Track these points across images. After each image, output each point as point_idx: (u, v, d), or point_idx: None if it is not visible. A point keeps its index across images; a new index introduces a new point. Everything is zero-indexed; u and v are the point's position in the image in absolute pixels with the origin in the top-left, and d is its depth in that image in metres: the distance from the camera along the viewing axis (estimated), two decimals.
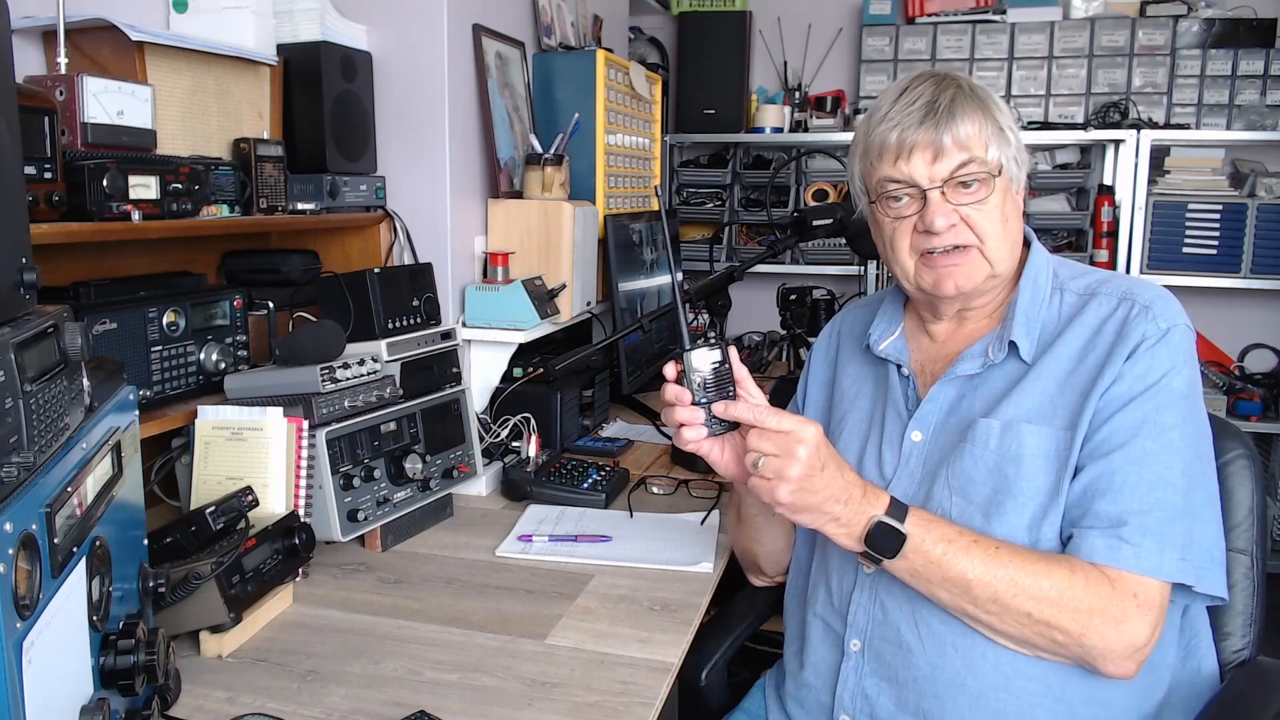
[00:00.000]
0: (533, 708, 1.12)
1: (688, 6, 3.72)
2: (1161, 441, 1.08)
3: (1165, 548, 1.05)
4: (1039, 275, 1.22)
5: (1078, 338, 1.16)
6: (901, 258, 1.20)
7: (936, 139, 1.13)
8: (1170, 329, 1.12)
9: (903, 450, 1.22)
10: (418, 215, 1.93)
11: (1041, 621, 1.05)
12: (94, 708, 0.86)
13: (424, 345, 1.73)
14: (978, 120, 1.14)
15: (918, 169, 1.15)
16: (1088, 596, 1.04)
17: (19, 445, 0.77)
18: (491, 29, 2.04)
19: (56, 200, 1.21)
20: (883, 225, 1.22)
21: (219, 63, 1.62)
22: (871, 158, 1.19)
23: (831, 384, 1.39)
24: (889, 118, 1.16)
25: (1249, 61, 3.29)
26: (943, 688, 1.13)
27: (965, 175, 1.14)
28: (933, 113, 1.14)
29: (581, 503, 1.78)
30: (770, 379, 2.86)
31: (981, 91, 1.17)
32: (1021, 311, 1.19)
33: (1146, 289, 1.17)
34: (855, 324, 1.41)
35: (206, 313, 1.53)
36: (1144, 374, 1.10)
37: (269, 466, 1.40)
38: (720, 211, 3.70)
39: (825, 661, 1.24)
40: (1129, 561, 1.05)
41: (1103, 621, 1.04)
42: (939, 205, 1.14)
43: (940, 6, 3.48)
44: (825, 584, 1.26)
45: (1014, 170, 1.18)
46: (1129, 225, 3.25)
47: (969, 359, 1.21)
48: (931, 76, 1.18)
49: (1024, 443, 1.13)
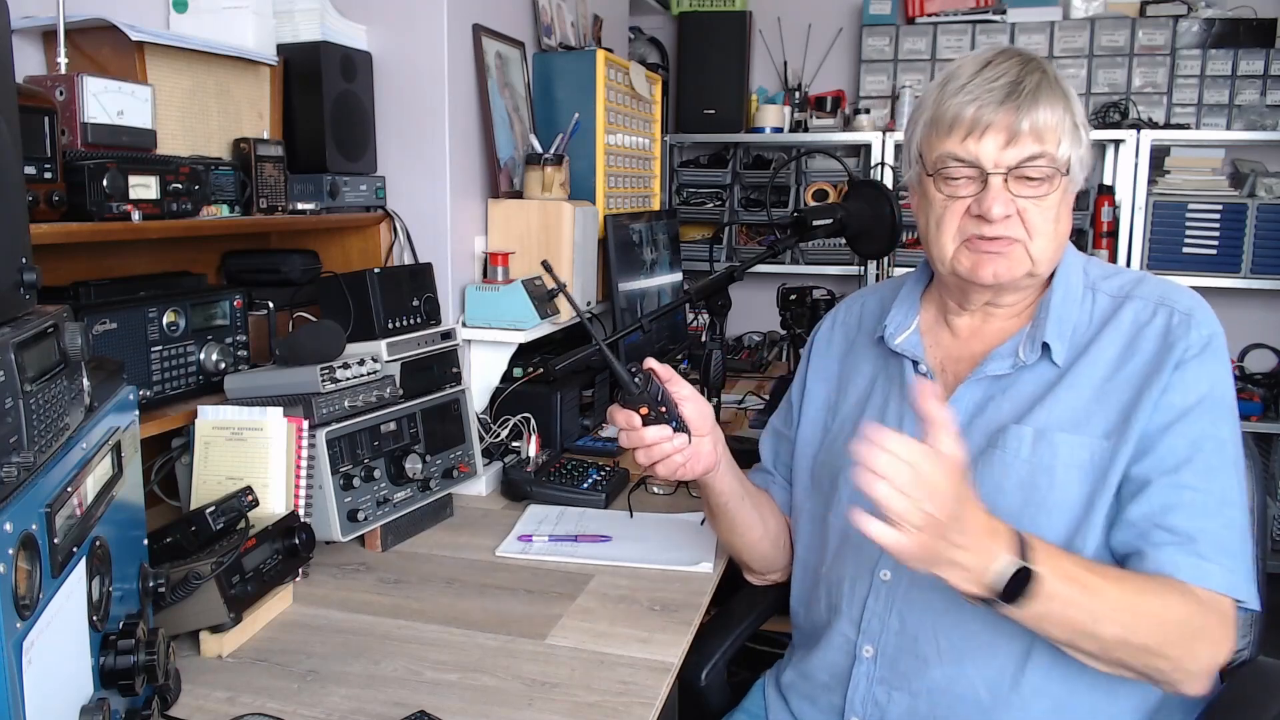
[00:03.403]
0: (533, 708, 1.12)
1: (688, 6, 3.72)
2: (1223, 456, 1.05)
3: (1239, 565, 1.03)
4: (1071, 274, 1.18)
5: (1113, 343, 1.12)
6: (944, 239, 1.14)
7: (1014, 123, 1.07)
8: (1212, 336, 1.09)
9: None
10: (418, 215, 1.93)
11: (1155, 651, 0.99)
12: (94, 708, 0.86)
13: (424, 345, 1.73)
14: (1058, 111, 1.09)
15: (986, 151, 1.09)
16: (1198, 622, 1.00)
17: (19, 445, 0.77)
18: (491, 29, 2.04)
19: (56, 200, 1.21)
20: (932, 202, 1.15)
21: (219, 63, 1.62)
22: (938, 129, 1.12)
23: (837, 379, 1.34)
24: (967, 90, 1.09)
25: (1249, 61, 3.29)
26: (956, 700, 1.12)
27: (1032, 168, 1.09)
28: (1015, 94, 1.07)
29: (581, 503, 1.78)
30: (770, 379, 2.87)
31: (1064, 82, 1.11)
32: (1054, 311, 1.14)
33: (1182, 294, 1.13)
34: (865, 314, 1.35)
35: (206, 313, 1.53)
36: (1195, 384, 1.06)
37: (269, 466, 1.40)
38: (720, 211, 3.70)
39: (837, 664, 1.22)
40: (1214, 580, 1.01)
41: (1202, 645, 1.01)
42: (999, 192, 1.09)
43: (940, 6, 3.48)
44: (838, 588, 1.23)
45: (1078, 172, 1.13)
46: (1129, 225, 3.24)
47: (998, 359, 1.16)
48: (1018, 55, 1.11)
49: (1057, 452, 1.08)
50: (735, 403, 2.58)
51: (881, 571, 1.18)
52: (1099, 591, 0.98)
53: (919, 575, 0.99)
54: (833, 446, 1.30)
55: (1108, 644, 0.99)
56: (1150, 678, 1.03)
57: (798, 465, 1.36)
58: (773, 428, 1.45)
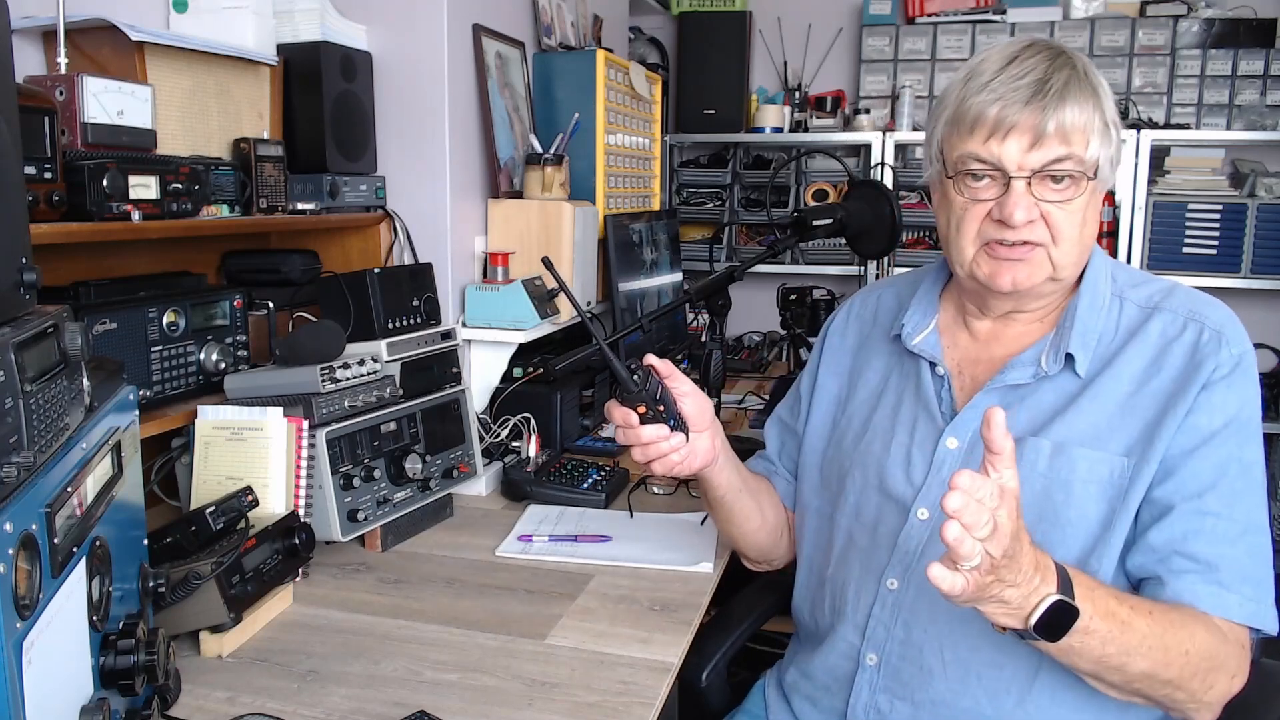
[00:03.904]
0: (533, 708, 1.12)
1: (688, 6, 3.72)
2: (1248, 480, 1.03)
3: (1262, 594, 1.01)
4: (1099, 281, 1.13)
5: (1140, 356, 1.08)
6: (964, 242, 1.10)
7: (1040, 123, 1.02)
8: (1242, 356, 1.06)
9: (935, 457, 1.14)
10: (418, 215, 1.93)
11: (1176, 684, 0.98)
12: (94, 708, 0.86)
13: (424, 345, 1.73)
14: (1088, 110, 1.03)
15: (1010, 153, 1.04)
16: (1219, 654, 0.99)
17: (19, 445, 0.77)
18: (491, 29, 2.04)
19: (56, 200, 1.21)
20: (952, 203, 1.11)
21: (219, 63, 1.62)
22: (960, 128, 1.07)
23: (850, 373, 1.30)
24: (991, 88, 1.04)
25: (1249, 61, 3.29)
26: (960, 714, 1.10)
27: (1058, 170, 1.04)
28: (1041, 93, 1.02)
29: (581, 503, 1.78)
30: (770, 379, 2.87)
31: (1095, 76, 1.06)
32: (1080, 320, 1.10)
33: (1214, 309, 1.10)
34: (881, 309, 1.31)
35: (206, 313, 1.53)
36: (1222, 406, 1.03)
37: (269, 466, 1.40)
38: (720, 211, 3.70)
39: (839, 669, 1.20)
40: (1234, 610, 1.00)
41: (1220, 677, 1.00)
42: (1022, 196, 1.04)
43: (940, 6, 3.48)
44: (842, 593, 1.21)
45: (1107, 172, 1.08)
46: (1129, 225, 3.24)
47: (1019, 367, 1.11)
48: (1046, 49, 1.05)
49: (1075, 468, 1.05)
50: (735, 403, 2.58)
51: (888, 580, 1.16)
52: (1132, 627, 0.95)
53: (926, 585, 0.94)
54: (841, 443, 1.28)
55: (1132, 677, 0.97)
56: (1164, 706, 1.02)
57: (805, 461, 1.33)
58: (779, 417, 1.42)
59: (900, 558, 1.15)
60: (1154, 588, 1.02)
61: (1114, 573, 1.05)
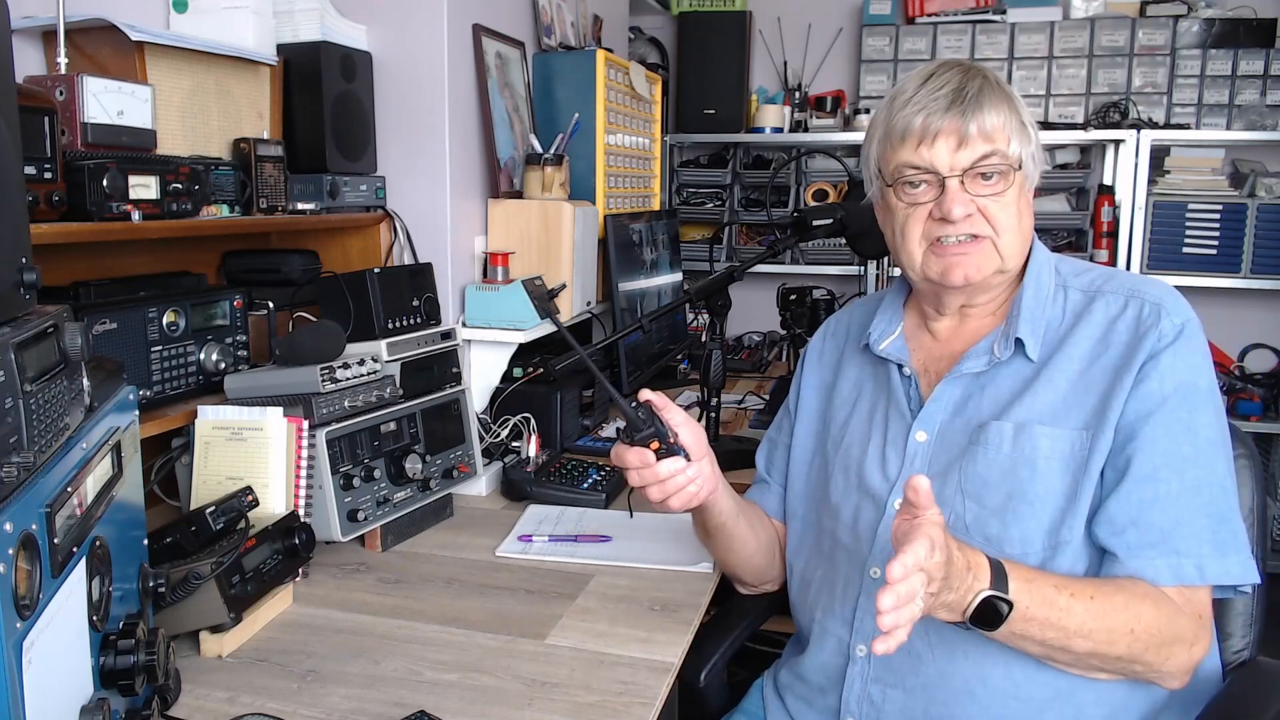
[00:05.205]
0: (533, 708, 1.12)
1: (688, 6, 3.72)
2: (1200, 443, 1.08)
3: (1228, 550, 1.06)
4: (1041, 272, 1.21)
5: (1088, 337, 1.15)
6: (911, 245, 1.19)
7: (962, 126, 1.12)
8: (1184, 325, 1.11)
9: (907, 451, 1.21)
10: (418, 215, 1.93)
11: (1128, 659, 1.04)
12: (94, 708, 0.86)
13: (424, 345, 1.73)
14: (1003, 112, 1.13)
15: (940, 156, 1.13)
16: (1171, 628, 1.04)
17: (19, 445, 0.77)
18: (491, 29, 2.04)
19: (56, 200, 1.21)
20: (895, 211, 1.20)
21: (219, 63, 1.62)
22: (891, 141, 1.17)
23: (828, 387, 1.38)
24: (914, 101, 1.14)
25: (1249, 61, 3.29)
26: (952, 695, 1.12)
27: (986, 166, 1.13)
28: (960, 100, 1.12)
29: (581, 503, 1.78)
30: (770, 379, 2.87)
31: (1006, 85, 1.17)
32: (1026, 308, 1.18)
33: (1151, 285, 1.17)
34: (853, 324, 1.39)
35: (206, 313, 1.53)
36: (1169, 374, 1.09)
37: (269, 466, 1.40)
38: (720, 211, 3.70)
39: (831, 665, 1.23)
40: (1190, 576, 1.05)
41: (1180, 648, 1.05)
42: (957, 194, 1.13)
43: (940, 6, 3.48)
44: (829, 590, 1.25)
45: (1030, 168, 1.17)
46: (1129, 225, 3.24)
47: (974, 356, 1.20)
48: (958, 65, 1.17)
49: (1038, 445, 1.12)
50: (735, 403, 2.58)
51: (871, 569, 1.20)
52: (1070, 611, 1.02)
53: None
54: (823, 451, 1.34)
55: (1080, 656, 1.04)
56: (1127, 676, 1.08)
57: (794, 472, 1.39)
58: (768, 438, 1.48)
59: (881, 547, 1.19)
60: (1110, 564, 1.08)
61: (1083, 540, 1.10)
